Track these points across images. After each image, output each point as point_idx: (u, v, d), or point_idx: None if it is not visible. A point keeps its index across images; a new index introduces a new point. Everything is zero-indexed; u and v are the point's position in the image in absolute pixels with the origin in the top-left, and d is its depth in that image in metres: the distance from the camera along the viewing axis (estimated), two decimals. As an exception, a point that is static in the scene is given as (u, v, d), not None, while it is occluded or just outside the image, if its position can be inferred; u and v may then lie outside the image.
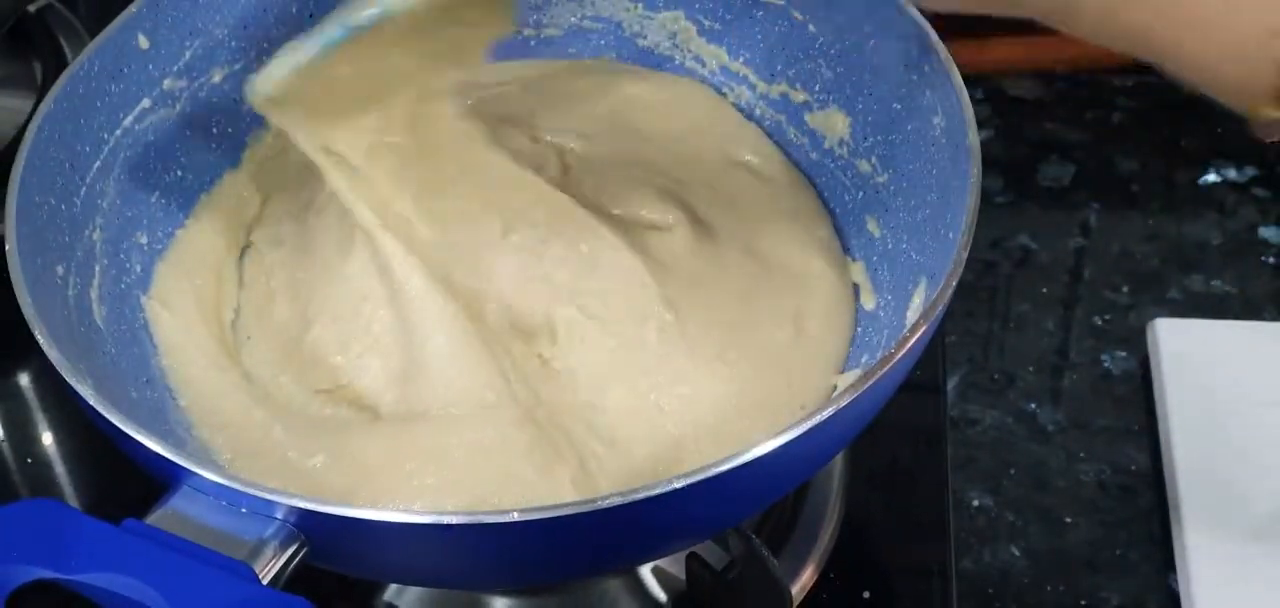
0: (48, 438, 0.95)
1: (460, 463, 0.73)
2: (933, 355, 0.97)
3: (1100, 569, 0.88)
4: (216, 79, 0.90)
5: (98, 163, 0.82)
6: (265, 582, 0.57)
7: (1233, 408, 0.92)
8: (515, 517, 0.57)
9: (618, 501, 0.58)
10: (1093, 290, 1.04)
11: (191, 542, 0.57)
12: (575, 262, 0.82)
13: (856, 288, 0.84)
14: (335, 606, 0.81)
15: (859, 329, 0.82)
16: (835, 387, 0.79)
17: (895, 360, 0.64)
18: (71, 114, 0.80)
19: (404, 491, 0.72)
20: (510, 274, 0.81)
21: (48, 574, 0.55)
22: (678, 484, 0.58)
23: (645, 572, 0.81)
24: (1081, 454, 0.94)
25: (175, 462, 0.60)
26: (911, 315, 0.77)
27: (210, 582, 0.55)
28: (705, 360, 0.79)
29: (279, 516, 0.59)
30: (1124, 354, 1.00)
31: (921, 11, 0.78)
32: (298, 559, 0.59)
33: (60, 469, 0.93)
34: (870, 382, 0.63)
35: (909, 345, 0.65)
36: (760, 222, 0.87)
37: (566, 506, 0.58)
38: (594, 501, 0.58)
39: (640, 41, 0.97)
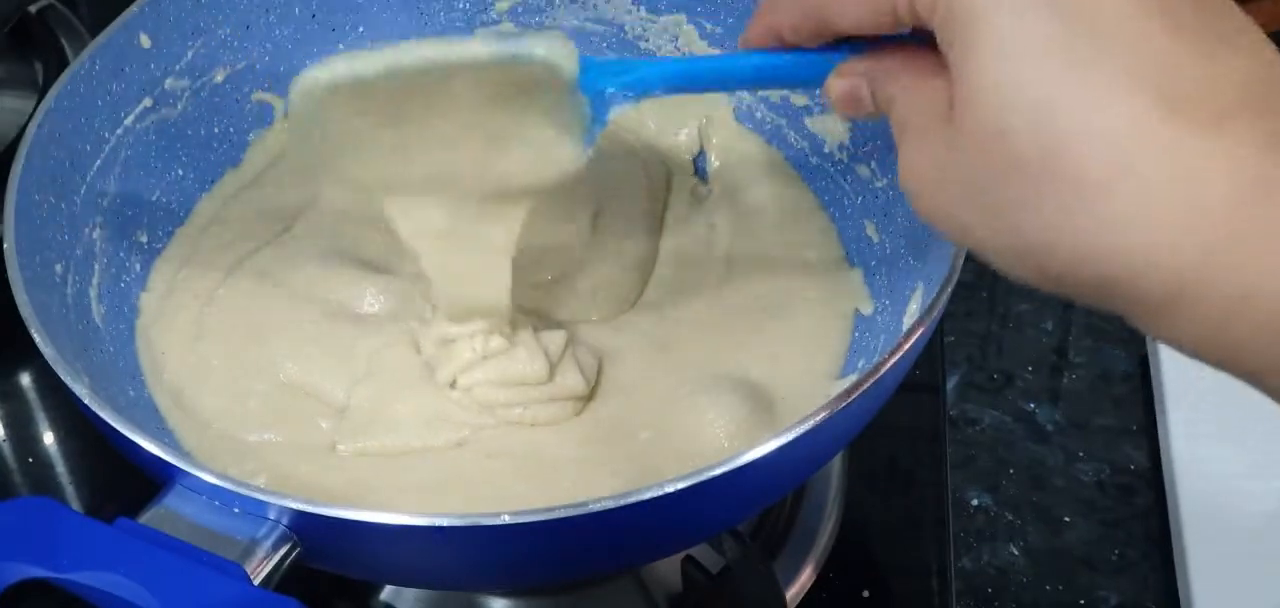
0: (49, 438, 0.96)
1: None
2: (932, 355, 0.97)
3: (1099, 569, 0.88)
4: (218, 79, 0.90)
5: (98, 161, 0.82)
6: (257, 582, 0.57)
7: (1233, 408, 0.92)
8: (506, 519, 0.57)
9: (611, 503, 0.58)
10: (1093, 290, 1.04)
11: (183, 541, 0.58)
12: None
13: (854, 293, 0.84)
14: (333, 605, 0.81)
15: (856, 334, 0.82)
16: (831, 391, 0.79)
17: (889, 366, 0.64)
18: (72, 112, 0.80)
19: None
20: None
21: (40, 573, 0.56)
22: (671, 488, 0.58)
23: (641, 575, 0.81)
24: (1080, 454, 0.94)
25: (168, 461, 0.60)
26: (908, 321, 0.77)
27: (201, 581, 0.55)
28: (702, 369, 0.80)
29: (271, 516, 0.59)
30: (1123, 354, 1.00)
31: None
32: (290, 560, 0.59)
33: (61, 469, 0.94)
34: (864, 387, 0.63)
35: (903, 351, 0.64)
36: (759, 226, 0.87)
37: (559, 509, 0.58)
38: (586, 503, 0.58)
39: (643, 45, 0.97)
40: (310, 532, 0.59)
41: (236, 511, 0.59)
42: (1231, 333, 0.47)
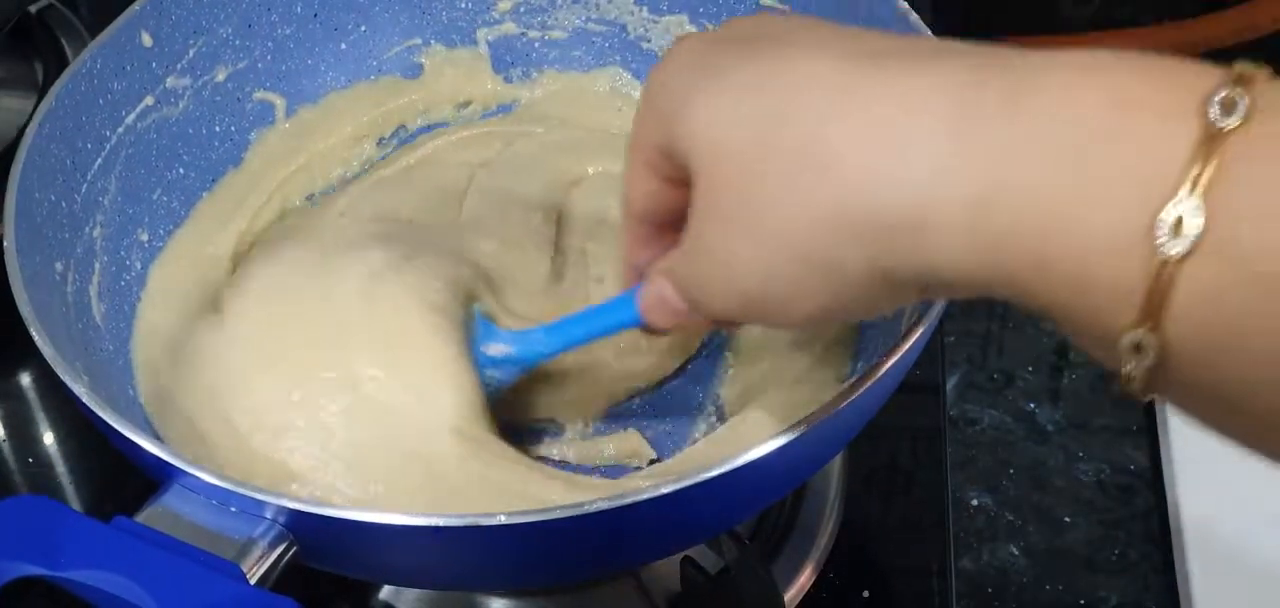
0: (49, 438, 0.96)
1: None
2: (932, 355, 0.97)
3: (1099, 569, 0.88)
4: (220, 77, 0.90)
5: (99, 160, 0.82)
6: (253, 581, 0.57)
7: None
8: (503, 520, 0.57)
9: (607, 505, 0.58)
10: (1094, 290, 1.04)
11: (181, 540, 0.57)
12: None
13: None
14: (331, 604, 0.81)
15: (858, 333, 0.82)
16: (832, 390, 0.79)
17: (889, 365, 0.64)
18: (73, 110, 0.80)
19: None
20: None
21: (37, 571, 0.56)
22: (668, 489, 0.58)
23: (640, 575, 0.81)
24: (1080, 454, 0.94)
25: (166, 460, 0.60)
26: (907, 320, 0.77)
27: (198, 580, 0.55)
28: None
29: (268, 515, 0.59)
30: (1124, 354, 1.00)
31: None
32: (286, 559, 0.59)
33: (61, 469, 0.94)
34: (865, 386, 0.63)
35: (903, 350, 0.64)
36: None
37: (556, 509, 0.58)
38: (583, 504, 0.57)
39: (645, 45, 0.97)
40: (307, 531, 0.59)
41: (234, 510, 0.59)
42: (984, 234, 0.48)
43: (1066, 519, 0.91)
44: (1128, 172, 0.45)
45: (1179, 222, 0.43)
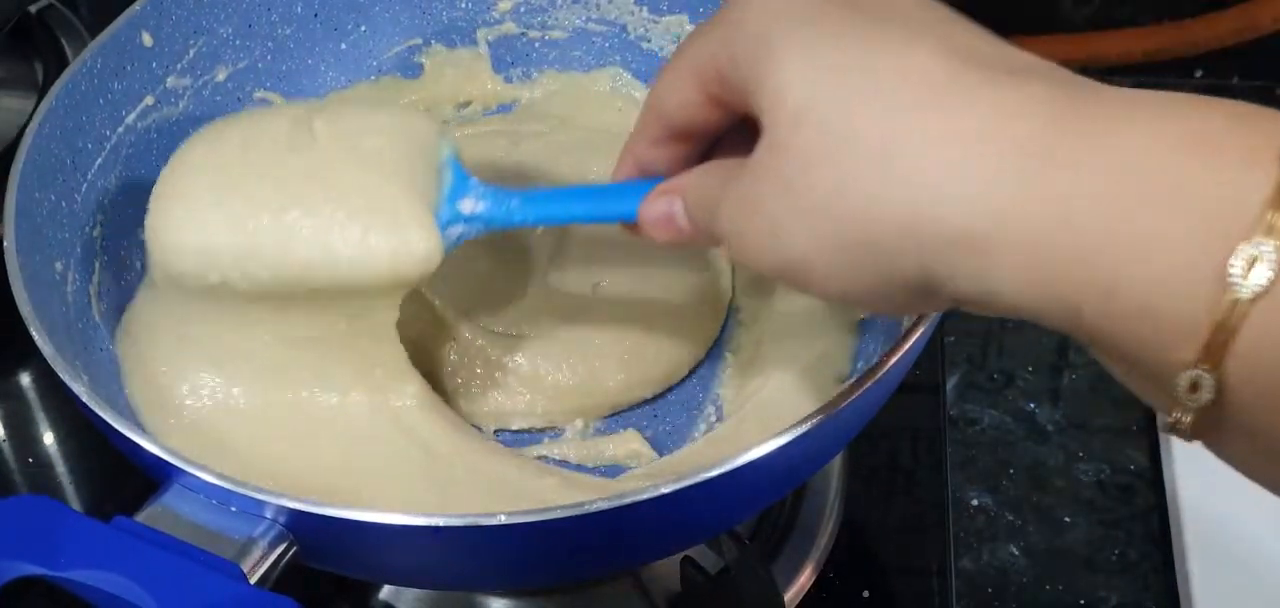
0: (49, 438, 0.96)
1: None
2: (932, 355, 0.97)
3: (1099, 569, 0.88)
4: (220, 77, 0.90)
5: (100, 159, 0.82)
6: (253, 581, 0.57)
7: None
8: (503, 519, 0.57)
9: (607, 505, 0.58)
10: (1094, 290, 1.04)
11: (181, 540, 0.58)
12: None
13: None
14: (331, 604, 0.81)
15: (857, 334, 0.82)
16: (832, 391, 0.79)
17: (889, 365, 0.64)
18: (74, 110, 0.80)
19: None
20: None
21: (37, 571, 0.56)
22: (667, 489, 0.58)
23: (640, 575, 0.81)
24: (1080, 454, 0.94)
25: (166, 460, 0.60)
26: (907, 321, 0.77)
27: (197, 580, 0.55)
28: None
29: (268, 515, 0.59)
30: (1125, 355, 1.00)
31: None
32: (286, 559, 0.59)
33: (61, 469, 0.94)
34: (865, 386, 0.63)
35: (903, 350, 0.64)
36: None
37: (556, 509, 0.58)
38: (583, 504, 0.58)
39: (645, 45, 0.97)
40: (307, 531, 0.59)
41: (233, 509, 0.59)
42: (1050, 261, 0.48)
43: (1066, 519, 0.91)
44: (1204, 208, 0.45)
45: (1252, 262, 0.43)
